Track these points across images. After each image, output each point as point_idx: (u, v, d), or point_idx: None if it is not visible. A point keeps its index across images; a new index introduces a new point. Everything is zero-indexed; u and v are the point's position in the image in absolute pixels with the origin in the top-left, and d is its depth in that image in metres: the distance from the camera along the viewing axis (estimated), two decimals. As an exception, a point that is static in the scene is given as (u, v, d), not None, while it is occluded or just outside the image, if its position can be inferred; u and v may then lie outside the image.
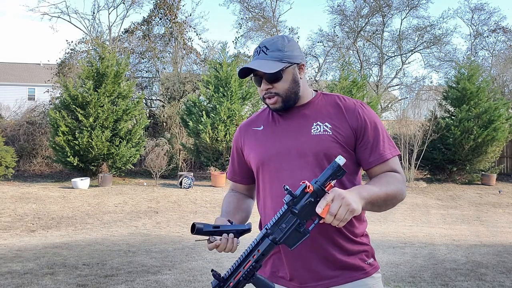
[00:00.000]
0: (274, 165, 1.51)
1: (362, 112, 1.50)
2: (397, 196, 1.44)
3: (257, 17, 22.16)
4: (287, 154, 1.49)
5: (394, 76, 23.16)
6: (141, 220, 8.36)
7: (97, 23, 25.35)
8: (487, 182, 14.12)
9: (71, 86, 12.63)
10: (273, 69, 1.44)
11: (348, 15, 22.55)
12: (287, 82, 1.48)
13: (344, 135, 1.47)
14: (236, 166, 1.70)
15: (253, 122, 1.64)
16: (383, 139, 1.50)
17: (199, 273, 4.62)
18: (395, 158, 1.51)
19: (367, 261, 1.50)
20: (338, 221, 1.23)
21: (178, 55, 19.95)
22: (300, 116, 1.53)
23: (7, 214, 8.65)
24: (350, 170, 1.49)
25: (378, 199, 1.37)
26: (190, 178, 12.20)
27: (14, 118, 16.42)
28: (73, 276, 4.41)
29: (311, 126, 1.49)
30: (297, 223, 1.28)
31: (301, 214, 1.27)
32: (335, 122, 1.49)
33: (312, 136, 1.48)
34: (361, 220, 1.53)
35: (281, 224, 1.29)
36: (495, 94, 15.05)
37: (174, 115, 15.96)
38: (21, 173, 13.94)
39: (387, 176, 1.46)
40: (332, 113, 1.51)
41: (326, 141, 1.46)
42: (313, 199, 1.26)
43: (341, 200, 1.23)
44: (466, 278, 4.56)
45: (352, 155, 1.50)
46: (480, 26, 23.55)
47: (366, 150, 1.49)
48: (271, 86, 1.48)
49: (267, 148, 1.53)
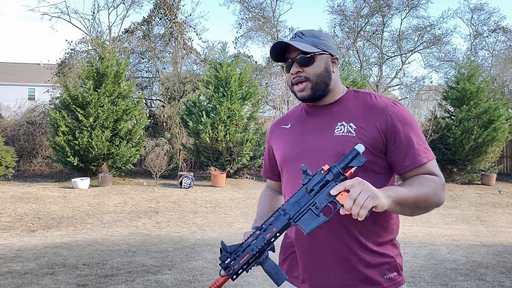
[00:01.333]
0: (295, 165, 1.47)
1: (393, 112, 1.40)
2: (430, 200, 1.34)
3: (257, 17, 22.15)
4: (308, 154, 1.45)
5: (394, 76, 23.17)
6: (141, 220, 8.36)
7: (97, 23, 25.39)
8: (487, 182, 14.12)
9: (71, 86, 12.63)
10: (307, 49, 1.43)
11: (348, 15, 22.56)
12: (319, 68, 1.45)
13: (370, 137, 1.38)
14: (267, 163, 1.71)
15: (282, 121, 1.63)
16: (418, 142, 1.40)
17: (199, 273, 4.62)
18: (432, 162, 1.40)
19: (387, 276, 1.40)
20: (358, 208, 1.15)
21: (178, 55, 19.95)
22: (326, 114, 1.48)
23: (7, 214, 8.65)
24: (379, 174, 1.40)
25: (407, 201, 1.28)
26: (190, 178, 12.20)
27: (14, 118, 16.42)
28: (73, 276, 4.41)
29: (335, 126, 1.44)
30: (313, 204, 1.23)
31: (317, 193, 1.23)
32: (360, 123, 1.41)
33: (334, 136, 1.42)
34: (386, 228, 1.43)
35: (296, 203, 1.25)
36: (495, 94, 15.05)
37: (174, 115, 15.95)
38: (21, 173, 13.94)
39: (421, 178, 1.36)
40: (360, 113, 1.43)
41: (349, 142, 1.38)
42: (329, 179, 1.23)
43: (362, 185, 1.18)
44: (466, 278, 4.57)
45: (380, 158, 1.40)
46: (480, 26, 23.57)
47: (399, 154, 1.39)
48: (302, 70, 1.45)
49: (290, 147, 1.51)
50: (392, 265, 1.42)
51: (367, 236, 1.38)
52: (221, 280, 1.29)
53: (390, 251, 1.43)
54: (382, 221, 1.41)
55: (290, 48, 1.47)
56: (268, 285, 4.21)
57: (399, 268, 1.44)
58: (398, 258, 1.45)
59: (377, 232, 1.40)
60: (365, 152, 1.35)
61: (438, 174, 1.40)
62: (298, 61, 1.45)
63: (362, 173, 1.34)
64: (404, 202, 1.27)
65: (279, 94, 18.61)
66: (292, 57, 1.46)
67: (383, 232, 1.42)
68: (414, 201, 1.30)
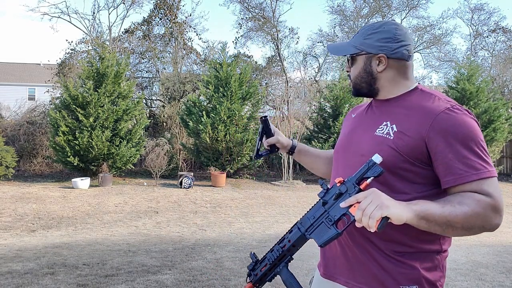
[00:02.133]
0: (337, 157, 1.50)
1: (444, 119, 1.24)
2: (470, 221, 1.18)
3: (257, 17, 22.15)
4: (347, 149, 1.46)
5: (394, 76, 23.15)
6: (141, 220, 8.36)
7: (97, 23, 25.34)
8: (487, 182, 14.12)
9: (71, 86, 12.63)
10: (342, 52, 1.48)
11: (348, 15, 22.57)
12: (357, 69, 1.46)
13: (408, 143, 1.27)
14: None
15: (355, 109, 1.64)
16: (469, 155, 1.22)
17: (199, 273, 4.62)
18: (485, 180, 1.21)
19: (403, 285, 1.29)
20: (366, 218, 1.12)
21: (178, 55, 19.96)
22: (379, 112, 1.43)
23: (7, 214, 8.65)
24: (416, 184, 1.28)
25: (436, 218, 1.16)
26: (190, 178, 12.21)
27: (14, 118, 16.42)
28: (73, 276, 4.42)
29: (380, 125, 1.37)
30: (326, 216, 1.22)
31: (330, 206, 1.23)
32: (406, 127, 1.29)
33: (374, 136, 1.36)
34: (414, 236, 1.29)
35: (310, 215, 1.25)
36: (494, 94, 15.07)
37: (174, 115, 15.96)
38: (21, 173, 13.94)
39: (464, 196, 1.20)
40: (410, 115, 1.31)
41: (383, 145, 1.30)
42: (342, 191, 1.22)
43: (373, 195, 1.14)
44: (466, 278, 4.57)
45: (419, 167, 1.28)
46: (479, 26, 23.60)
47: (441, 167, 1.25)
48: (349, 69, 1.49)
49: (341, 138, 1.55)
50: (413, 277, 1.29)
51: (383, 239, 1.31)
52: (247, 287, 1.37)
53: (414, 261, 1.30)
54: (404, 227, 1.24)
55: None
56: (268, 285, 4.21)
57: (423, 283, 1.29)
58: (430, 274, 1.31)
59: (396, 237, 1.30)
60: (398, 159, 1.26)
61: (490, 193, 1.20)
62: (348, 61, 1.50)
63: (395, 181, 1.28)
64: (432, 218, 1.16)
65: (279, 94, 18.61)
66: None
67: (408, 239, 1.30)
68: (445, 219, 1.17)
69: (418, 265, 1.30)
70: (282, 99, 17.30)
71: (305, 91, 18.63)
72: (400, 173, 1.28)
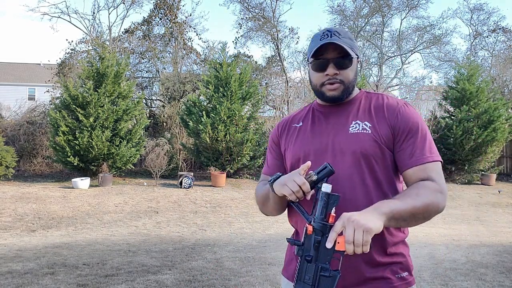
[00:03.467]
0: (312, 161, 1.43)
1: (403, 112, 1.43)
2: (429, 209, 1.31)
3: (257, 17, 22.15)
4: (323, 152, 1.44)
5: (394, 76, 23.19)
6: (141, 220, 8.36)
7: (97, 23, 25.39)
8: (487, 182, 14.13)
9: (71, 86, 12.63)
10: (351, 53, 1.42)
11: (348, 15, 22.57)
12: (353, 72, 1.46)
13: (383, 134, 1.41)
14: (270, 161, 1.66)
15: (292, 119, 1.62)
16: (424, 142, 1.41)
17: (199, 273, 4.63)
18: (434, 164, 1.39)
19: (399, 274, 1.39)
20: (359, 248, 1.14)
21: (178, 55, 19.96)
22: (340, 113, 1.49)
23: (7, 214, 8.65)
24: (391, 173, 1.43)
25: (403, 214, 1.26)
26: (190, 178, 12.21)
27: (14, 118, 16.41)
28: (73, 276, 4.42)
29: (350, 125, 1.45)
30: (319, 269, 1.17)
31: (317, 257, 1.18)
32: (375, 122, 1.43)
33: (349, 134, 1.42)
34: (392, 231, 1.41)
35: (304, 278, 1.18)
36: (495, 94, 15.04)
37: (174, 115, 15.96)
38: (21, 173, 13.94)
39: (418, 187, 1.34)
40: (373, 112, 1.45)
41: (364, 140, 1.40)
42: (319, 237, 1.18)
43: (352, 223, 1.15)
44: (466, 278, 4.57)
45: (391, 156, 1.43)
46: (479, 26, 23.60)
47: (404, 152, 1.40)
48: (338, 72, 1.43)
49: (304, 145, 1.50)
50: (405, 265, 1.41)
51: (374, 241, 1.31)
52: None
53: (401, 249, 1.43)
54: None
55: (328, 47, 1.43)
56: (268, 285, 4.21)
57: (410, 268, 1.44)
58: (409, 259, 1.45)
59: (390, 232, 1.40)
60: (379, 149, 1.39)
61: (436, 179, 1.36)
62: (336, 63, 1.43)
63: (383, 172, 1.40)
64: (399, 216, 1.26)
65: (279, 94, 18.62)
66: (330, 57, 1.43)
67: (395, 231, 1.41)
68: (411, 213, 1.28)
69: (406, 252, 1.44)
70: (282, 99, 17.31)
71: (305, 91, 18.61)
72: (382, 162, 1.41)
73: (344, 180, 1.37)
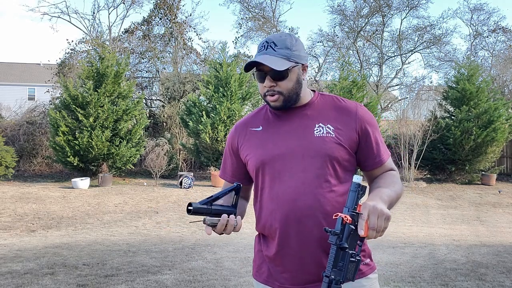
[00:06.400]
0: (276, 167, 1.47)
1: (363, 114, 1.51)
2: (400, 195, 1.47)
3: (257, 17, 22.15)
4: (289, 156, 1.46)
5: (394, 76, 23.16)
6: (141, 220, 8.36)
7: (97, 23, 25.35)
8: (487, 182, 14.12)
9: (71, 86, 12.63)
10: (282, 66, 1.41)
11: (348, 15, 22.54)
12: (292, 82, 1.45)
13: (347, 137, 1.47)
14: (228, 165, 1.65)
15: (250, 123, 1.60)
16: (381, 141, 1.54)
17: (199, 273, 4.62)
18: (390, 158, 1.56)
19: (363, 262, 1.48)
20: (380, 233, 1.26)
21: (178, 55, 19.95)
22: (301, 117, 1.50)
23: (7, 214, 8.65)
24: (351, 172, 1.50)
25: (392, 201, 1.40)
26: (190, 178, 12.21)
27: (14, 118, 16.42)
28: (73, 276, 4.42)
29: (314, 128, 1.48)
30: (350, 256, 1.26)
31: (350, 246, 1.27)
32: (338, 124, 1.48)
33: (315, 137, 1.46)
34: None
35: (338, 265, 1.26)
36: (495, 94, 15.03)
37: (174, 115, 15.96)
38: (21, 173, 13.94)
39: (390, 177, 1.50)
40: (334, 115, 1.50)
41: (330, 143, 1.44)
42: (354, 227, 1.27)
43: (377, 211, 1.25)
44: (466, 278, 4.57)
45: (353, 157, 1.50)
46: (479, 26, 23.56)
47: (368, 153, 1.51)
48: (275, 84, 1.44)
49: (269, 149, 1.49)
50: (366, 252, 1.52)
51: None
52: None
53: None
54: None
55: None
56: (268, 285, 4.20)
57: (371, 255, 1.55)
58: (368, 246, 1.57)
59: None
60: (344, 152, 1.45)
61: (395, 168, 1.56)
62: (272, 75, 1.43)
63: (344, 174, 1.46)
64: (391, 203, 1.39)
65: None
66: (265, 70, 1.44)
67: None
68: (396, 199, 1.43)
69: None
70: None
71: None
72: (344, 164, 1.47)
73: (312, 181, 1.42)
